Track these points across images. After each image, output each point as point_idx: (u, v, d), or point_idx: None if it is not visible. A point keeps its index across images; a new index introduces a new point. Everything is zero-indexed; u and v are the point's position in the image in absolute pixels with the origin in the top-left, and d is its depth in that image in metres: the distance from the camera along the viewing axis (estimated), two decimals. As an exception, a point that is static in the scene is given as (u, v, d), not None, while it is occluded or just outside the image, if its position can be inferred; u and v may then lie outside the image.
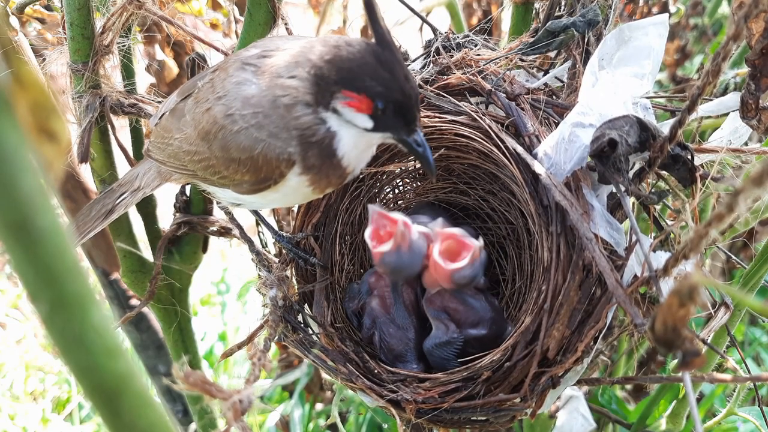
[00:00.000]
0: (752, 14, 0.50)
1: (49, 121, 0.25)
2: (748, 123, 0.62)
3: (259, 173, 0.60)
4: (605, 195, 0.64)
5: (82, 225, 0.73)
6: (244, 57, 0.62)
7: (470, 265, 0.69)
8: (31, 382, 1.89)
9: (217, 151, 0.61)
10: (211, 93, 0.62)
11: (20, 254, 0.23)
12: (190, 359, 1.03)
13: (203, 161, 0.63)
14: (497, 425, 0.69)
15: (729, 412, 0.82)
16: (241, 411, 0.47)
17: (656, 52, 0.65)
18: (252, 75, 0.60)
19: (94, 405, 0.27)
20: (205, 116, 0.62)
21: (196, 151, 0.64)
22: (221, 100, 0.60)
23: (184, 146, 0.65)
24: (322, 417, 1.46)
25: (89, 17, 0.73)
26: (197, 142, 0.63)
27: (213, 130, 0.61)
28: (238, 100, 0.59)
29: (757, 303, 0.43)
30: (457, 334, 0.72)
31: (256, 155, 0.59)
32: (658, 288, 0.54)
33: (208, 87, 0.63)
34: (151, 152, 0.71)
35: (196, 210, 0.90)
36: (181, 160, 0.66)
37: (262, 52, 0.62)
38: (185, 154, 0.65)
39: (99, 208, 0.74)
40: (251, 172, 0.60)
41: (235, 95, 0.59)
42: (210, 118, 0.61)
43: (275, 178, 0.60)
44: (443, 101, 0.73)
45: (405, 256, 0.68)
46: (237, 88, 0.60)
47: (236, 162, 0.60)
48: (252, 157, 0.59)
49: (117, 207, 0.73)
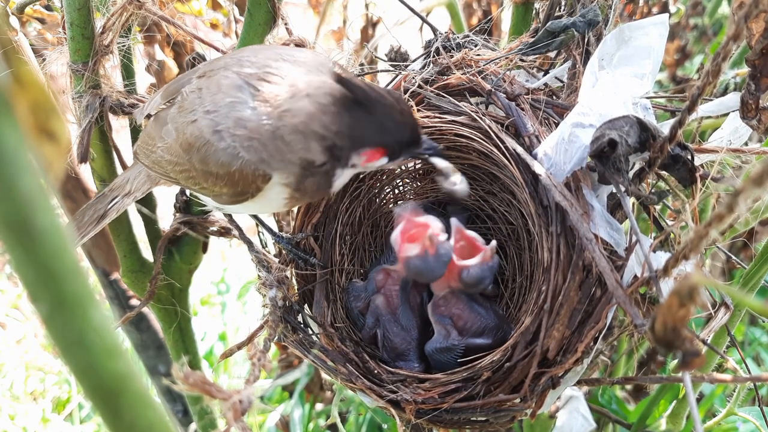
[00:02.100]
0: (752, 14, 0.50)
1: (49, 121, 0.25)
2: (748, 123, 0.62)
3: (236, 186, 0.61)
4: (605, 195, 0.64)
5: (75, 230, 0.74)
6: (241, 73, 0.61)
7: (480, 265, 0.71)
8: (31, 382, 1.89)
9: (197, 164, 0.62)
10: (198, 104, 0.62)
11: (20, 254, 0.23)
12: (190, 359, 1.03)
13: (184, 172, 0.64)
14: (497, 425, 0.69)
15: (729, 412, 0.82)
16: (241, 411, 0.47)
17: (656, 52, 0.65)
18: (249, 98, 0.60)
19: (94, 405, 0.27)
20: (189, 128, 0.61)
21: (177, 161, 0.64)
22: (209, 115, 0.60)
23: (166, 156, 0.65)
24: (322, 417, 1.46)
25: (89, 17, 0.73)
26: (179, 152, 0.63)
27: (196, 143, 0.61)
28: (230, 119, 0.59)
29: (757, 303, 0.43)
30: (458, 341, 0.72)
31: (233, 171, 0.60)
32: (658, 288, 0.54)
33: (195, 98, 0.63)
34: (139, 155, 0.71)
35: (196, 210, 0.90)
36: (164, 168, 0.67)
37: (261, 73, 0.61)
38: (167, 163, 0.65)
39: (92, 213, 0.75)
40: (229, 185, 0.62)
41: (227, 114, 0.59)
42: (195, 131, 0.61)
43: (252, 192, 0.62)
44: (443, 101, 0.73)
45: (431, 261, 0.70)
46: (230, 107, 0.60)
47: (214, 176, 0.61)
48: (229, 172, 0.60)
49: (109, 211, 0.74)
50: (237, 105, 0.59)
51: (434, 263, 0.70)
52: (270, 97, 0.59)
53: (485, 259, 0.71)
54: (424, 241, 0.69)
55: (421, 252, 0.69)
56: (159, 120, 0.68)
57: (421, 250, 0.69)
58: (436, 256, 0.69)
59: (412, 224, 0.71)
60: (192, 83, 0.65)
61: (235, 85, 0.60)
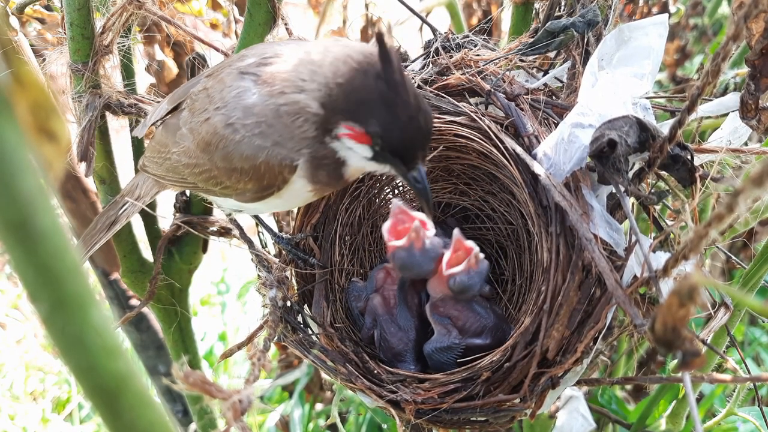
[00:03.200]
0: (752, 14, 0.50)
1: (49, 121, 0.25)
2: (748, 123, 0.62)
3: (262, 180, 0.60)
4: (605, 195, 0.64)
5: (89, 239, 0.74)
6: (241, 66, 0.61)
7: (466, 272, 0.71)
8: (31, 382, 1.89)
9: (219, 162, 0.61)
10: (208, 103, 0.61)
11: (20, 254, 0.23)
12: (190, 359, 1.03)
13: (204, 173, 0.63)
14: (497, 426, 0.69)
15: (729, 412, 0.82)
16: (241, 411, 0.47)
17: (656, 52, 0.65)
18: (252, 84, 0.59)
19: (94, 405, 0.27)
20: (204, 126, 0.61)
21: (196, 163, 0.63)
22: (220, 111, 0.60)
23: (183, 159, 0.65)
24: (322, 417, 1.46)
25: (89, 17, 0.73)
26: (197, 154, 0.63)
27: (213, 140, 0.60)
28: (239, 110, 0.59)
29: (757, 303, 0.43)
30: (459, 340, 0.72)
31: (259, 164, 0.59)
32: (657, 288, 0.54)
33: (204, 97, 0.62)
34: (147, 167, 0.71)
35: (196, 210, 0.90)
36: (181, 174, 0.66)
37: (259, 60, 0.61)
38: (185, 167, 0.65)
39: (104, 220, 0.75)
40: (254, 180, 0.60)
41: (235, 105, 0.59)
42: (210, 129, 0.60)
43: (278, 184, 0.60)
44: (443, 102, 0.73)
45: (417, 255, 0.70)
46: (237, 98, 0.59)
47: (238, 171, 0.60)
48: (255, 165, 0.59)
49: (120, 217, 0.74)
50: (242, 94, 0.59)
51: (420, 258, 0.70)
52: (270, 77, 0.58)
53: (470, 266, 0.71)
54: (410, 234, 0.69)
55: (406, 244, 0.70)
56: (169, 127, 0.67)
57: (407, 242, 0.69)
58: (423, 250, 0.70)
59: (402, 216, 0.71)
60: (198, 86, 0.65)
61: (237, 77, 0.60)
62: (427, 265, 0.71)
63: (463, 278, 0.71)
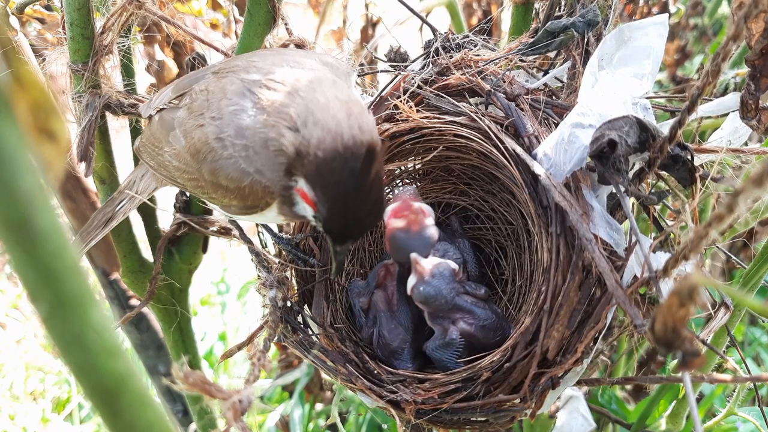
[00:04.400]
0: (752, 14, 0.50)
1: (49, 121, 0.25)
2: (748, 123, 0.62)
3: (246, 200, 0.61)
4: (605, 195, 0.64)
5: (86, 235, 0.74)
6: (245, 79, 0.61)
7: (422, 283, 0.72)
8: (31, 382, 1.90)
9: (207, 174, 0.62)
10: (206, 108, 0.62)
11: (20, 254, 0.23)
12: (190, 359, 1.03)
13: (193, 180, 0.64)
14: (497, 426, 0.69)
15: (729, 412, 0.82)
16: (241, 411, 0.47)
17: (656, 52, 0.65)
18: (250, 105, 0.59)
19: (94, 405, 0.27)
20: (196, 132, 0.62)
21: (186, 169, 0.64)
22: (215, 121, 0.60)
23: (174, 162, 0.65)
24: (322, 417, 1.46)
25: (89, 17, 0.73)
26: (187, 159, 0.63)
27: (203, 150, 0.61)
28: (232, 127, 0.59)
29: (757, 303, 0.43)
30: (457, 336, 0.72)
31: (243, 186, 0.60)
32: (657, 288, 0.54)
33: (203, 100, 0.63)
34: (143, 154, 0.71)
35: (196, 210, 0.90)
36: (171, 173, 0.67)
37: (264, 80, 0.60)
38: (175, 169, 0.65)
39: (101, 217, 0.75)
40: (239, 198, 0.61)
41: (230, 121, 0.59)
42: (202, 137, 0.61)
43: (262, 206, 0.61)
44: (443, 102, 0.73)
45: (413, 236, 0.72)
46: (233, 114, 0.60)
47: (224, 188, 0.61)
48: (240, 187, 0.60)
49: (117, 214, 0.75)
50: (239, 113, 0.60)
51: (416, 240, 0.72)
52: (269, 104, 0.59)
53: (411, 223, 0.72)
54: (410, 215, 0.72)
55: (405, 226, 0.72)
56: (165, 123, 0.67)
57: (406, 224, 0.72)
58: (419, 233, 0.72)
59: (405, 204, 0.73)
60: (204, 79, 0.65)
61: (239, 92, 0.60)
62: (421, 250, 0.73)
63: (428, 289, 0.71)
